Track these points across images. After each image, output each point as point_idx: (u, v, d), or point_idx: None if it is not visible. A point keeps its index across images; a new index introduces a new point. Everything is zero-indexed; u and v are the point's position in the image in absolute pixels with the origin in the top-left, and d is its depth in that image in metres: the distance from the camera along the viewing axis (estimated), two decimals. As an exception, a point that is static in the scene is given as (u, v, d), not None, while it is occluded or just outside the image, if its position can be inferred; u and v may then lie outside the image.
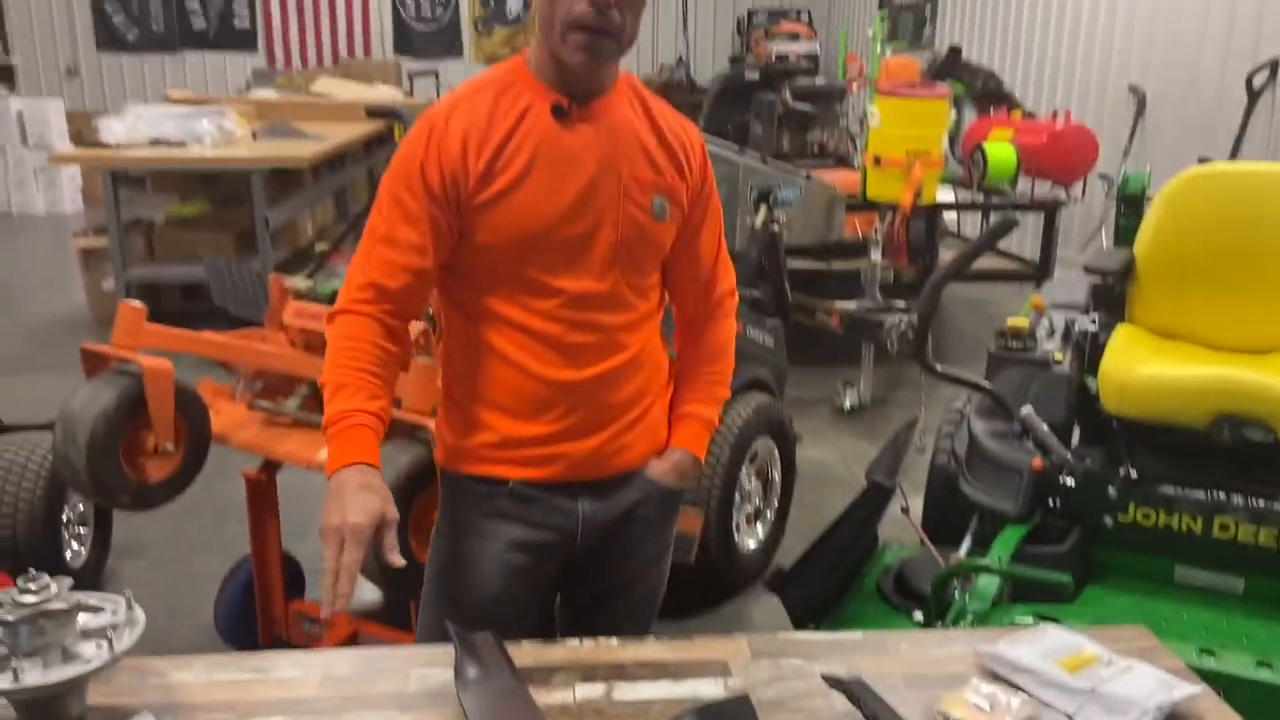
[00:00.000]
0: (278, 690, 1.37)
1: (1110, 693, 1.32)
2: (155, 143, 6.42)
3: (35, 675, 1.21)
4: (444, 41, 13.81)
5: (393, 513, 1.43)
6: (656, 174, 1.63)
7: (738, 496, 3.27)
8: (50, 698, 1.24)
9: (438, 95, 12.16)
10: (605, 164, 1.59)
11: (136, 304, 2.68)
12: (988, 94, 6.62)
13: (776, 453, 3.49)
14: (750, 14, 13.55)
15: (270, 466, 2.86)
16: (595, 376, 1.64)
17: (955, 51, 6.89)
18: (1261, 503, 2.40)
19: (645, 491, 1.75)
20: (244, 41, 13.59)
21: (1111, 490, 2.49)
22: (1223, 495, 2.43)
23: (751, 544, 3.39)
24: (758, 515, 3.46)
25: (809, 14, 12.85)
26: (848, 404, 5.05)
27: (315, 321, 2.75)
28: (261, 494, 2.87)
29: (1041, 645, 1.42)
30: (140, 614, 1.32)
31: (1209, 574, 2.46)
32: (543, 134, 1.56)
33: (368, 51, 13.67)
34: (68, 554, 3.20)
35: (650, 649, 1.48)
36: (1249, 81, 5.55)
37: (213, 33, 13.54)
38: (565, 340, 1.61)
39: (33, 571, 1.26)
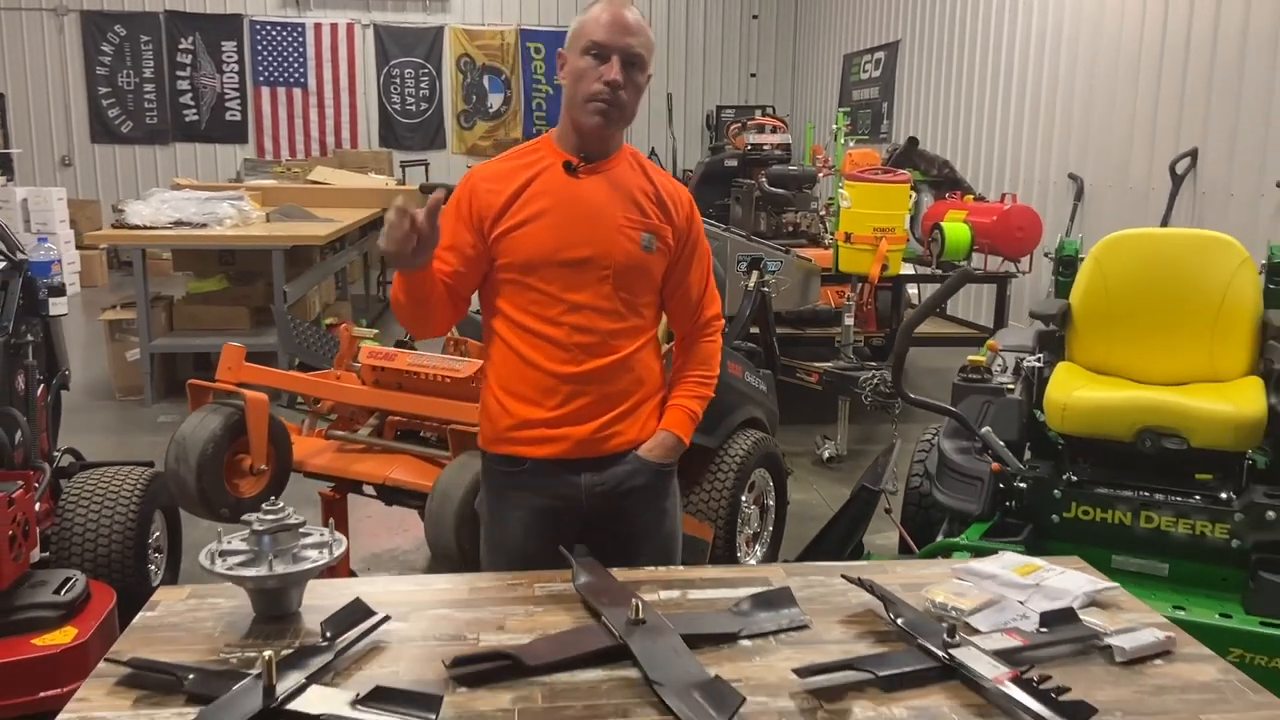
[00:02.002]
0: (439, 595, 1.83)
1: (1050, 586, 1.82)
2: (178, 224, 6.92)
3: (281, 567, 1.67)
4: (427, 134, 14.52)
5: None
6: (645, 217, 2.15)
7: (739, 520, 3.75)
8: (283, 589, 1.70)
9: (426, 180, 12.85)
10: (603, 208, 2.10)
11: (237, 345, 3.16)
12: (943, 180, 7.31)
13: (771, 483, 3.98)
14: (718, 109, 14.46)
15: (342, 486, 3.31)
16: (592, 370, 2.10)
17: (913, 141, 7.60)
18: (1179, 498, 2.93)
19: (635, 467, 2.17)
20: (235, 133, 14.21)
21: (1056, 492, 3.01)
22: (1147, 494, 2.96)
23: (752, 563, 3.86)
24: (756, 538, 3.94)
25: (773, 109, 13.73)
26: (826, 455, 5.56)
27: (387, 361, 3.23)
28: (335, 510, 3.31)
29: (1000, 561, 1.93)
30: (343, 537, 1.79)
31: (1140, 560, 2.97)
32: (554, 185, 2.09)
33: (354, 143, 14.33)
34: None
35: (709, 571, 1.96)
36: (1172, 168, 6.27)
37: (204, 124, 14.15)
38: (568, 341, 2.08)
39: (273, 498, 1.74)
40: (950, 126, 9.67)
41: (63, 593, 3.03)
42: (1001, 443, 3.10)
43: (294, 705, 1.41)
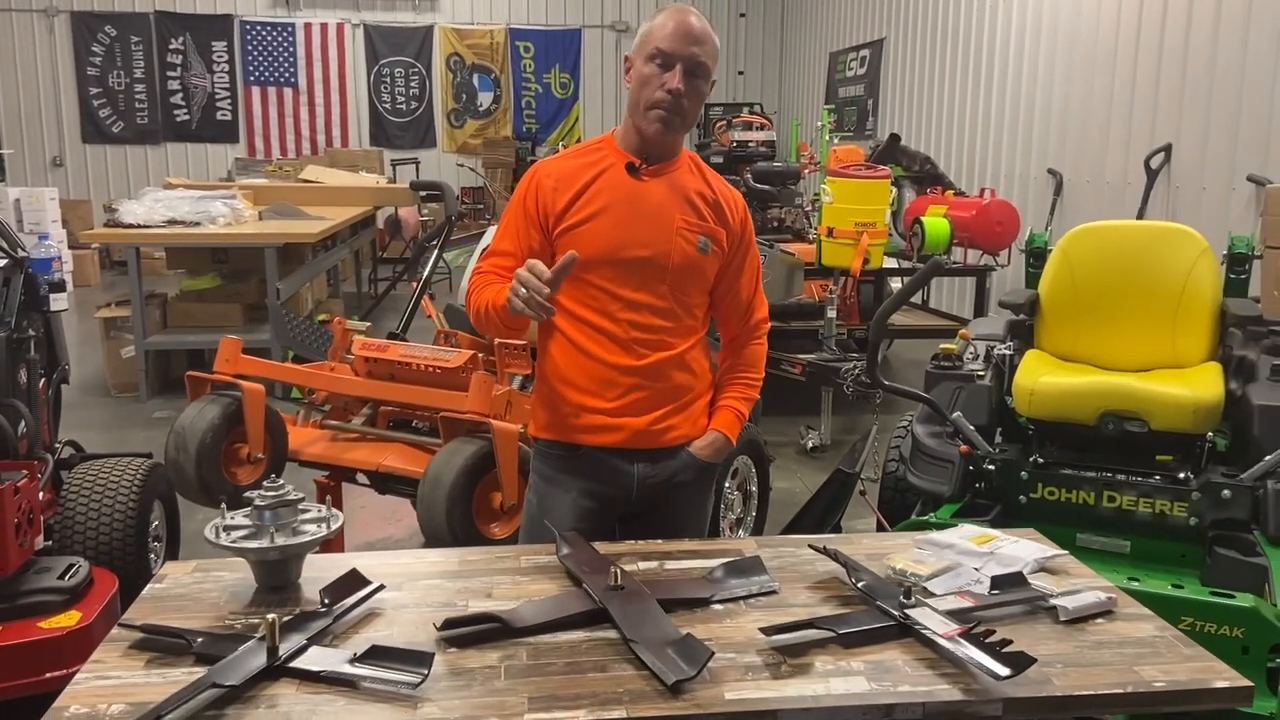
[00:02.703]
0: (431, 566, 1.95)
1: (1004, 554, 1.94)
2: (172, 223, 7.02)
3: (283, 540, 1.78)
4: (418, 133, 14.61)
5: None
6: (702, 220, 2.20)
7: (723, 506, 3.87)
8: (284, 560, 1.81)
9: (417, 176, 12.92)
10: (663, 209, 2.15)
11: (235, 337, 3.27)
12: (924, 175, 7.44)
13: (754, 470, 4.10)
14: (706, 106, 14.55)
15: (337, 474, 3.42)
16: (649, 365, 2.15)
17: (895, 138, 7.72)
18: (1140, 479, 3.06)
19: (685, 463, 2.23)
20: (226, 133, 14.29)
21: (1023, 474, 3.13)
22: (1109, 474, 3.09)
23: (734, 546, 3.98)
24: (739, 523, 4.06)
25: (760, 106, 13.85)
26: (810, 444, 5.69)
27: (380, 352, 3.34)
28: (330, 496, 3.42)
29: (959, 533, 2.05)
30: (339, 513, 1.90)
31: (1103, 538, 3.10)
32: (617, 185, 2.14)
33: (345, 142, 14.41)
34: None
35: (685, 545, 2.07)
36: (1147, 163, 6.41)
37: (195, 124, 14.22)
38: (627, 336, 2.13)
39: (273, 476, 1.85)
40: (933, 123, 9.81)
41: (66, 578, 3.13)
42: (971, 427, 3.22)
43: (296, 663, 1.52)
